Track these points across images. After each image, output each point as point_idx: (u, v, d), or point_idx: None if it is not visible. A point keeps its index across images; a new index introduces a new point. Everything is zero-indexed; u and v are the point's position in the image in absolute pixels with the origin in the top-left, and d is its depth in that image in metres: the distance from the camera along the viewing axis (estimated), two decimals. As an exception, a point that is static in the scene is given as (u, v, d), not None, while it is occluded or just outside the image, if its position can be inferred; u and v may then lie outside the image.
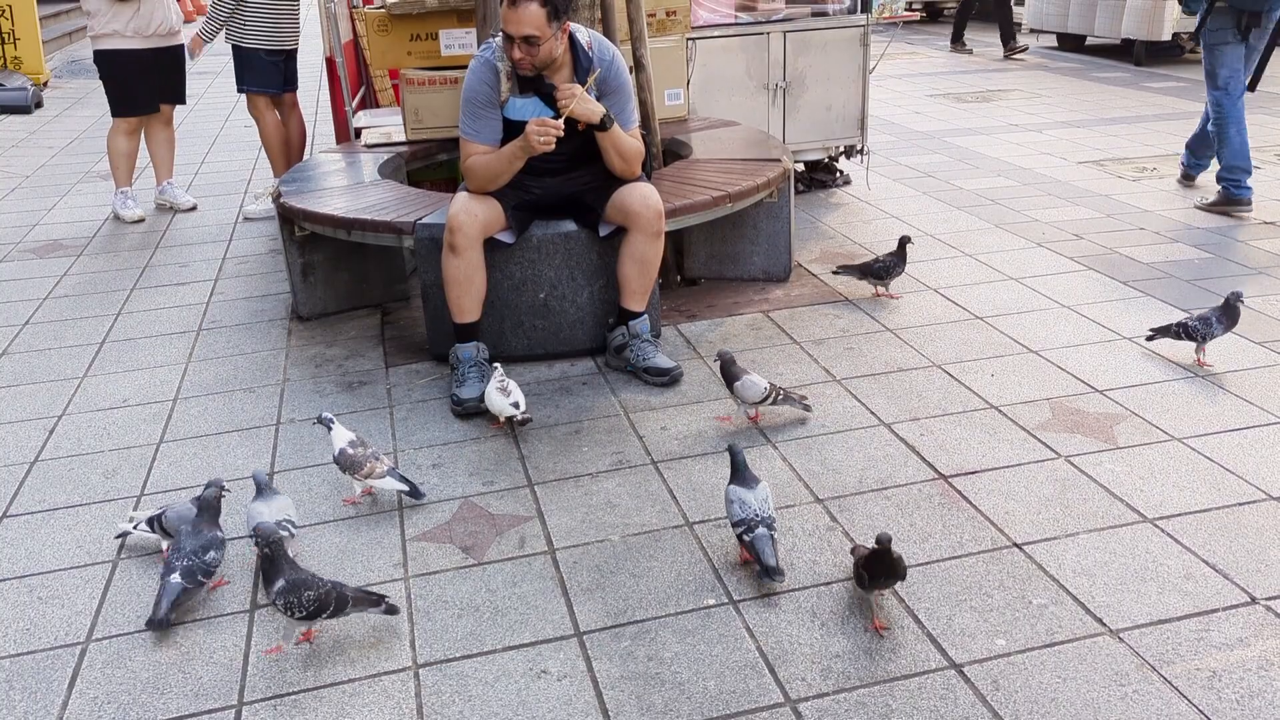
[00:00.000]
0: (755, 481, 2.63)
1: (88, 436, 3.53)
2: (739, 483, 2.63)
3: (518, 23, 3.35)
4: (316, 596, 2.35)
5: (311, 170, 4.73)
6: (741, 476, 2.64)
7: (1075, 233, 5.21)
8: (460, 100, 3.64)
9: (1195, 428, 3.24)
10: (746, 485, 2.62)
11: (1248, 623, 2.36)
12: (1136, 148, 7.05)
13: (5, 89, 10.08)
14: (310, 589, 2.35)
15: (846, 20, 5.90)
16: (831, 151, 6.23)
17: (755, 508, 2.58)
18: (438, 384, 3.78)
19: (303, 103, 6.46)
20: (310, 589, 2.35)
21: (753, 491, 2.60)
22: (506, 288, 3.80)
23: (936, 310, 4.27)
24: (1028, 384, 3.58)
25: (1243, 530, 2.71)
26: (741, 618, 2.46)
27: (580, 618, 2.49)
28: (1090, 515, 2.80)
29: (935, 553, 2.67)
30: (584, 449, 3.29)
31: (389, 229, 3.88)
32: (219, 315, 4.60)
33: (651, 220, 3.65)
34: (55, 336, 4.43)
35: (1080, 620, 2.39)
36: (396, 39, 5.00)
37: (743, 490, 2.61)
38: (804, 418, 3.40)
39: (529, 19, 3.34)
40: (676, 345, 4.03)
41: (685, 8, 5.18)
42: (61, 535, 2.94)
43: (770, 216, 4.53)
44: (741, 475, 2.64)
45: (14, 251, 5.69)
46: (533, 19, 3.34)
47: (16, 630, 2.54)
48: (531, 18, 3.34)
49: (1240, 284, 4.40)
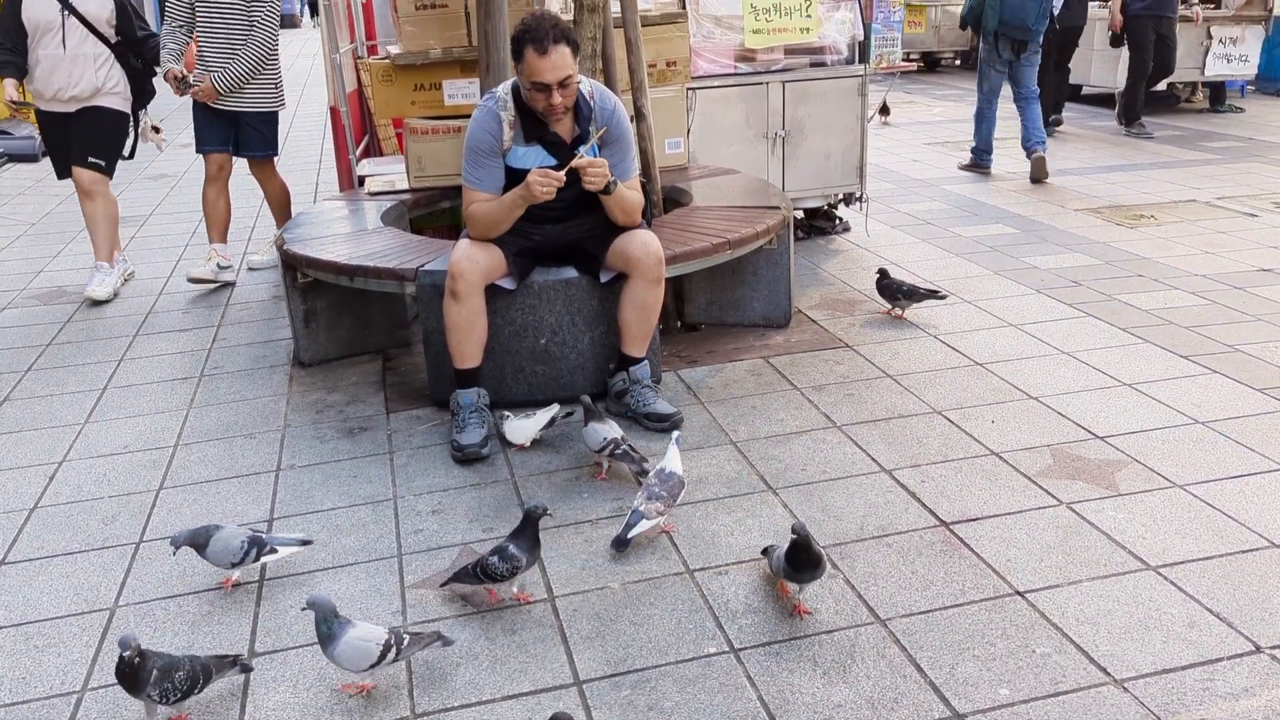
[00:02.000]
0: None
1: (87, 483, 3.52)
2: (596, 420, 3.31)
3: (554, 68, 3.38)
4: (187, 675, 2.26)
5: (315, 217, 4.77)
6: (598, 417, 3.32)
7: (1074, 279, 5.24)
8: (463, 148, 3.67)
9: (1197, 474, 3.23)
10: (601, 421, 3.33)
11: (1253, 672, 2.34)
12: (1134, 195, 7.10)
13: (13, 138, 10.19)
14: (178, 669, 2.25)
15: (845, 70, 5.97)
16: (831, 199, 6.29)
17: (614, 434, 3.29)
18: (439, 430, 3.78)
19: (306, 152, 6.51)
20: (178, 669, 2.25)
21: (606, 424, 3.32)
22: (508, 333, 3.82)
23: (937, 356, 4.28)
24: (1028, 430, 3.58)
25: (1246, 578, 2.69)
26: (742, 666, 2.44)
27: (580, 666, 2.47)
28: (1093, 563, 2.79)
29: (937, 600, 2.65)
30: (584, 495, 3.28)
31: (392, 276, 3.90)
32: (221, 361, 4.61)
33: (652, 266, 3.67)
34: (58, 383, 4.44)
35: (1084, 669, 2.37)
36: (400, 89, 5.07)
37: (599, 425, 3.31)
38: (803, 464, 3.39)
39: (564, 62, 3.39)
40: (677, 391, 4.03)
41: (685, 58, 5.25)
42: (59, 583, 2.93)
43: (770, 263, 4.56)
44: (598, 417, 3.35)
45: (19, 298, 5.72)
46: (566, 60, 3.39)
47: (12, 679, 2.52)
48: (566, 60, 3.39)
49: (1239, 331, 4.42)
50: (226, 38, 5.43)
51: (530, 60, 3.38)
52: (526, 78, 3.44)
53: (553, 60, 3.36)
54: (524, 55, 3.39)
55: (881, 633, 2.53)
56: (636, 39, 4.41)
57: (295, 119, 12.65)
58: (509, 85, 3.62)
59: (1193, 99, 11.37)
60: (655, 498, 2.94)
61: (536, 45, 3.34)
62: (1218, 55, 10.27)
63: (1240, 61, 10.48)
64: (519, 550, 2.65)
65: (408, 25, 4.96)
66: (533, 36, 3.35)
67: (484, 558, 2.67)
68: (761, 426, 3.69)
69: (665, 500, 2.95)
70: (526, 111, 3.55)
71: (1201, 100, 11.22)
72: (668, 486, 2.97)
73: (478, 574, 2.66)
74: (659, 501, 2.94)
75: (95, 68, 5.43)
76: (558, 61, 3.37)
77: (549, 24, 3.37)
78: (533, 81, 3.42)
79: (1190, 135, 9.41)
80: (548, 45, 3.34)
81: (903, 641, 2.49)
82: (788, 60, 5.93)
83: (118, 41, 5.52)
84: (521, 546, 2.65)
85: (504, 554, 2.65)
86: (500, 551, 2.65)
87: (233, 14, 5.42)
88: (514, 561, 2.64)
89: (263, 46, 5.46)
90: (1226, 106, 10.80)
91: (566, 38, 3.40)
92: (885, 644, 2.49)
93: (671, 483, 2.99)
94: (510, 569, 2.64)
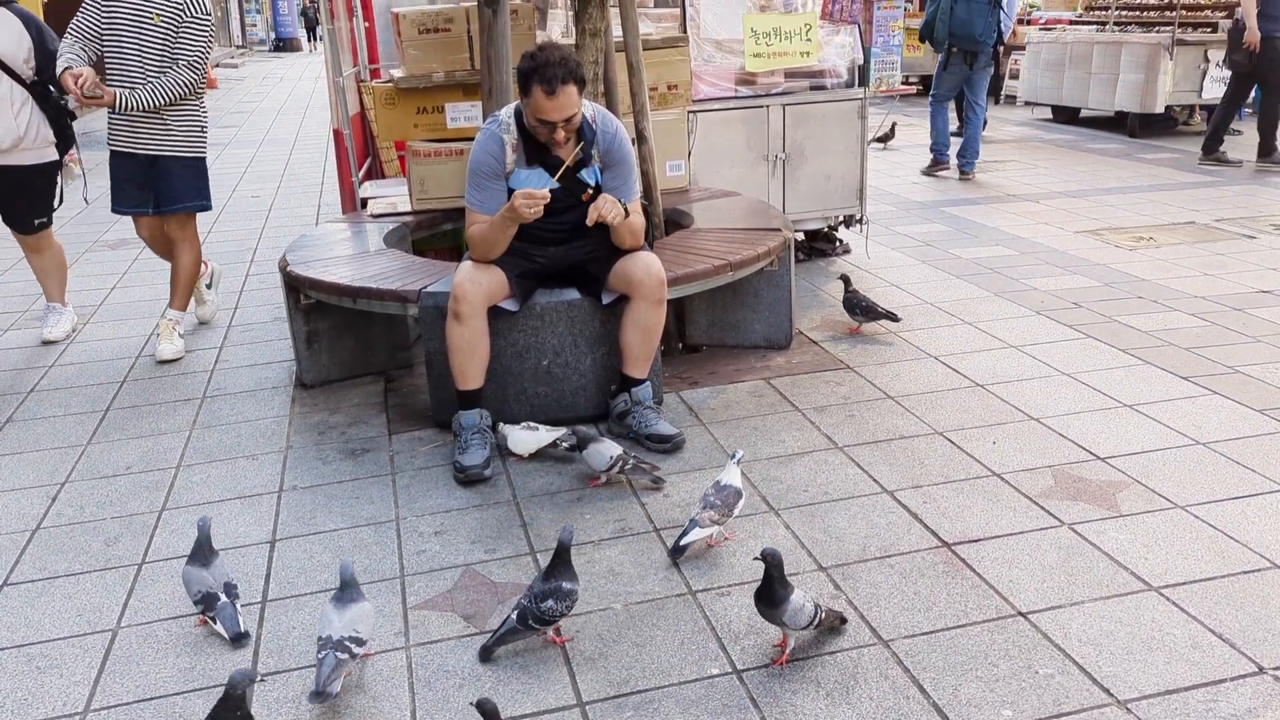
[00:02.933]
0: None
1: (90, 504, 3.53)
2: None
3: (560, 109, 3.42)
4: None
5: (318, 239, 4.79)
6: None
7: (1074, 301, 5.26)
8: (466, 171, 3.70)
9: (1198, 495, 3.23)
10: (599, 442, 3.39)
11: (1256, 693, 2.34)
12: (1132, 217, 7.13)
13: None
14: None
15: (845, 94, 6.02)
16: (831, 221, 6.32)
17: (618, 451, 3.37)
18: (441, 451, 3.79)
19: (308, 174, 6.47)
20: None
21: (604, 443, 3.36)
22: (510, 355, 3.83)
23: (938, 378, 4.29)
24: (1029, 451, 3.59)
25: (1248, 599, 2.69)
26: (745, 688, 2.44)
27: (583, 687, 2.47)
28: (1095, 583, 2.79)
29: (940, 621, 2.65)
30: (586, 516, 3.28)
31: (394, 297, 3.92)
32: (223, 382, 4.62)
33: (654, 288, 3.69)
34: (60, 404, 4.45)
35: (1087, 690, 2.37)
36: (403, 112, 5.10)
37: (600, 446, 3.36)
38: (809, 488, 3.40)
39: (571, 102, 3.43)
40: (679, 412, 4.04)
41: (686, 82, 5.29)
42: (61, 604, 2.93)
43: (771, 285, 4.58)
44: (595, 439, 3.42)
45: (22, 319, 5.74)
46: (572, 100, 3.43)
47: (14, 701, 2.52)
48: (572, 100, 3.43)
49: (1239, 353, 4.43)
50: (139, 59, 4.64)
51: (537, 99, 3.41)
52: (532, 113, 3.47)
53: (559, 101, 3.40)
54: (531, 92, 3.42)
55: (884, 654, 2.53)
56: (638, 63, 4.45)
57: (298, 141, 12.73)
58: (511, 108, 3.65)
59: (1190, 121, 11.42)
60: (710, 506, 2.97)
61: (545, 85, 3.37)
62: (1215, 78, 10.32)
63: (1238, 84, 10.51)
64: (570, 583, 2.56)
65: (410, 49, 5.00)
66: (541, 76, 3.37)
67: (533, 606, 2.52)
68: (763, 448, 3.70)
69: (720, 510, 2.98)
70: (529, 135, 3.58)
71: (1199, 123, 11.28)
72: (723, 496, 3.00)
73: (532, 624, 2.53)
74: (714, 510, 2.97)
75: (15, 112, 4.87)
76: (564, 102, 3.41)
77: (557, 62, 3.38)
78: (538, 118, 3.46)
79: (1188, 157, 9.45)
80: (555, 86, 3.37)
81: (905, 663, 2.49)
82: (788, 83, 5.97)
83: (34, 81, 4.96)
84: (569, 577, 2.57)
85: (559, 594, 2.53)
86: (554, 593, 2.53)
87: (149, 30, 4.62)
88: (570, 598, 2.56)
89: (192, 70, 4.68)
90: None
91: (574, 76, 3.42)
92: (888, 665, 2.49)
93: (727, 493, 3.01)
94: (568, 606, 2.56)
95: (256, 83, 22.16)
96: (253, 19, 36.54)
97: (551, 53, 3.44)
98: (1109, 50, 10.74)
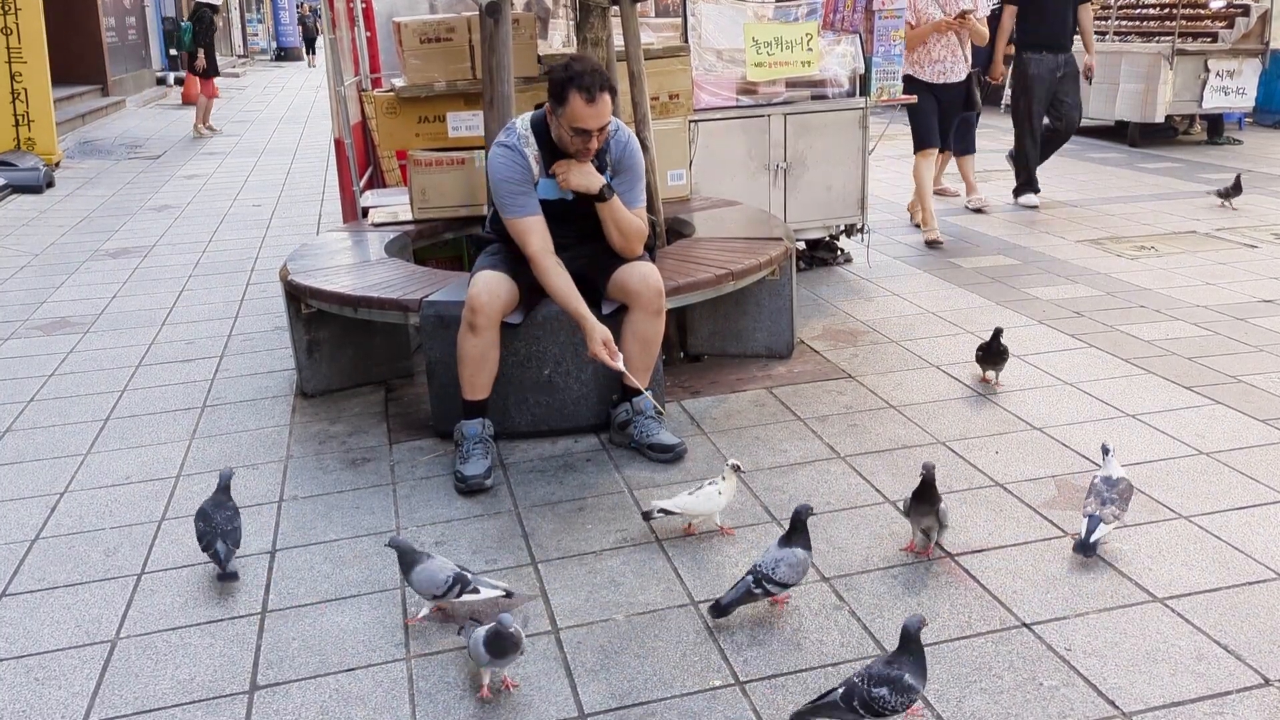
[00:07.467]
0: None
1: (89, 514, 3.51)
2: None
3: (598, 116, 3.47)
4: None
5: (319, 248, 4.79)
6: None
7: (1076, 310, 5.25)
8: (494, 190, 3.67)
9: (1202, 506, 3.22)
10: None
11: (1262, 705, 2.33)
12: (1134, 227, 7.13)
13: (18, 169, 10.24)
14: None
15: (846, 103, 6.02)
16: (832, 230, 6.31)
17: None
18: (442, 461, 3.77)
19: (309, 184, 6.49)
20: None
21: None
22: (511, 364, 3.82)
23: (940, 387, 4.28)
24: (1032, 461, 3.58)
25: (1254, 610, 2.68)
26: (748, 699, 2.42)
27: (584, 699, 2.45)
28: (1099, 594, 2.77)
29: (943, 632, 2.64)
30: (588, 526, 3.27)
31: (395, 306, 3.91)
32: (223, 392, 4.61)
33: (651, 299, 3.69)
34: (60, 413, 4.44)
35: (1092, 703, 2.36)
36: (405, 121, 5.10)
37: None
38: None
39: (607, 110, 3.50)
40: (680, 422, 4.03)
41: (688, 91, 5.29)
42: (60, 614, 2.91)
43: (772, 294, 4.57)
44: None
45: (22, 328, 5.73)
46: (609, 108, 3.51)
47: (13, 713, 2.51)
48: (608, 108, 3.51)
49: (1241, 362, 4.42)
50: None
51: (576, 106, 3.44)
52: (568, 121, 3.49)
53: (598, 109, 3.45)
54: (568, 100, 3.44)
55: (888, 665, 2.51)
56: (640, 72, 4.45)
57: (299, 150, 12.75)
58: (527, 120, 3.65)
59: (1191, 131, 11.44)
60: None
61: (584, 93, 3.41)
62: (1215, 88, 10.35)
63: (1238, 94, 10.55)
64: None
65: (412, 58, 5.00)
66: (581, 84, 3.41)
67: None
68: (765, 457, 3.69)
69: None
70: (548, 145, 3.60)
71: (1200, 132, 11.30)
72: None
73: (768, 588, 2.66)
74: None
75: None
76: (602, 110, 3.46)
77: (593, 70, 3.46)
78: (575, 127, 3.48)
79: (1189, 167, 9.46)
80: (595, 94, 3.42)
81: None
82: (789, 93, 5.98)
83: None
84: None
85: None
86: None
87: None
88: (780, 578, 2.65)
89: None
90: (1224, 139, 10.87)
91: (609, 85, 3.50)
92: (891, 677, 2.47)
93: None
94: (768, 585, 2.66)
95: (258, 92, 22.20)
96: (254, 28, 36.62)
97: (585, 62, 3.52)
98: (1109, 60, 10.75)
